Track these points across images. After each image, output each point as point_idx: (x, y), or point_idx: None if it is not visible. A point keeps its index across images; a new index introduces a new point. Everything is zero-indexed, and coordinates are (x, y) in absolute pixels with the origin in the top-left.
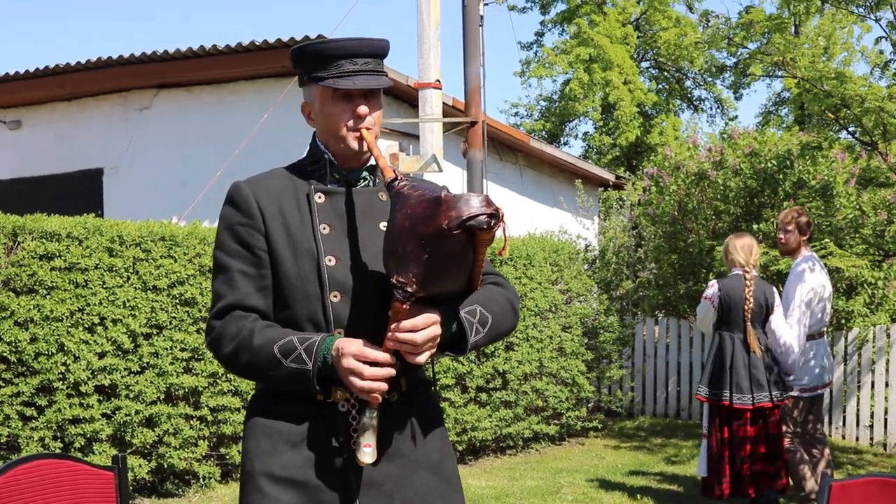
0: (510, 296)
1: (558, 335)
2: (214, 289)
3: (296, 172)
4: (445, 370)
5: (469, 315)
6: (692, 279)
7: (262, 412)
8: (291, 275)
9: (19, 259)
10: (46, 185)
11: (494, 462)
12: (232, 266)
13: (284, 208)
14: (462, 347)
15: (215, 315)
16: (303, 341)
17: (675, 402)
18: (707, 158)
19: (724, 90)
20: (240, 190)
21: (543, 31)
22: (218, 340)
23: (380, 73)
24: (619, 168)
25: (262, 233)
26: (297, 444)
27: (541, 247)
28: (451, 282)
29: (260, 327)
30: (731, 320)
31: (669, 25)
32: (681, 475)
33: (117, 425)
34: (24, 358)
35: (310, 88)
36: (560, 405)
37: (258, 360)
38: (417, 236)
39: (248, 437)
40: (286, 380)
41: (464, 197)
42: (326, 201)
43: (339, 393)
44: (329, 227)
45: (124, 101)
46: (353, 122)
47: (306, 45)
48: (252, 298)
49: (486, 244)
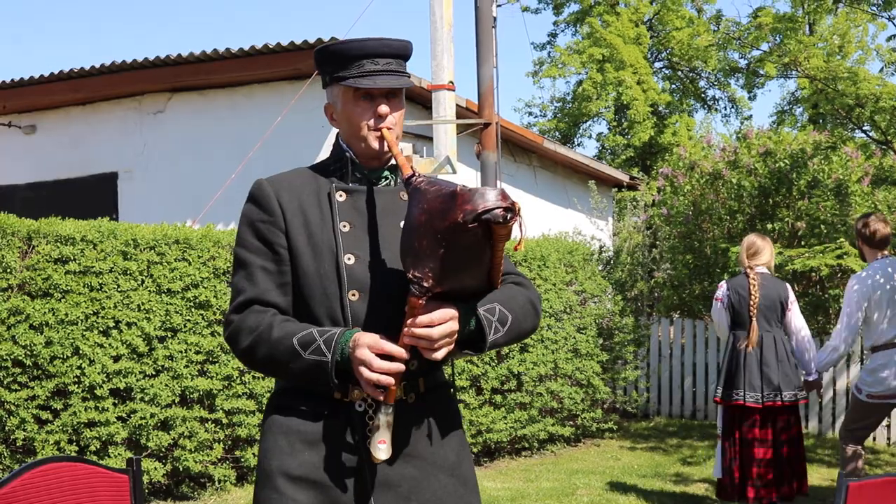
0: (531, 296)
1: (573, 336)
2: (234, 284)
3: (319, 171)
4: (460, 371)
5: (488, 313)
6: (707, 279)
7: (280, 410)
8: (310, 272)
9: (34, 263)
10: (61, 190)
11: (510, 464)
12: (252, 262)
13: (305, 206)
14: (481, 346)
15: (234, 309)
16: (322, 334)
17: (691, 403)
18: (721, 158)
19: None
20: (261, 187)
21: (556, 32)
22: (237, 334)
23: (402, 74)
24: (633, 168)
25: (282, 230)
26: (313, 443)
27: (555, 248)
28: (468, 277)
29: (279, 321)
30: (741, 319)
31: (683, 25)
32: (697, 476)
33: (132, 428)
34: (40, 361)
35: (332, 89)
36: (575, 406)
37: (277, 353)
38: (433, 231)
39: (266, 436)
40: (304, 372)
41: (479, 191)
42: (348, 199)
43: (357, 392)
44: (349, 225)
45: (139, 104)
46: (374, 121)
47: (329, 45)
48: (272, 294)
49: (504, 239)
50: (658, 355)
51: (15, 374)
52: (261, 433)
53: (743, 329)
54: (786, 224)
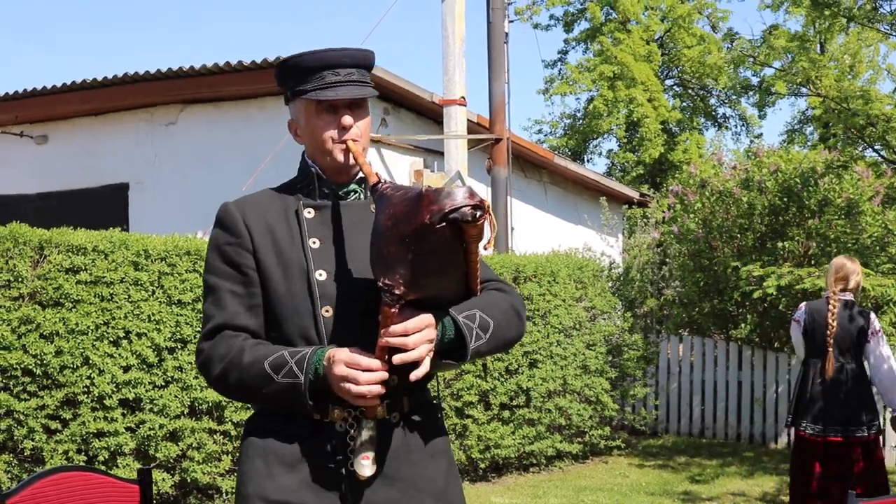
0: (514, 301)
1: (582, 352)
2: (204, 311)
3: (286, 190)
4: (469, 387)
5: (468, 319)
6: (717, 297)
7: (258, 432)
8: (281, 292)
9: (45, 272)
10: (72, 200)
11: (518, 479)
12: (221, 286)
13: (273, 225)
14: (463, 354)
15: (205, 336)
16: (293, 354)
17: (700, 421)
18: (732, 176)
19: (749, 108)
20: (227, 210)
21: (567, 49)
22: (208, 362)
23: (364, 84)
24: (643, 185)
25: (249, 251)
26: (292, 465)
27: (565, 264)
28: (442, 282)
29: (250, 345)
30: (816, 347)
31: (693, 43)
32: (705, 495)
33: (141, 439)
34: (50, 371)
35: (294, 104)
36: (583, 423)
37: (249, 378)
38: (400, 235)
39: (243, 459)
40: (278, 396)
41: (445, 190)
42: (316, 215)
43: (337, 412)
44: (319, 241)
45: (150, 116)
46: (338, 133)
47: (287, 59)
48: (241, 318)
49: (476, 240)
50: (667, 373)
51: (25, 384)
52: (240, 456)
53: (817, 357)
54: (796, 243)
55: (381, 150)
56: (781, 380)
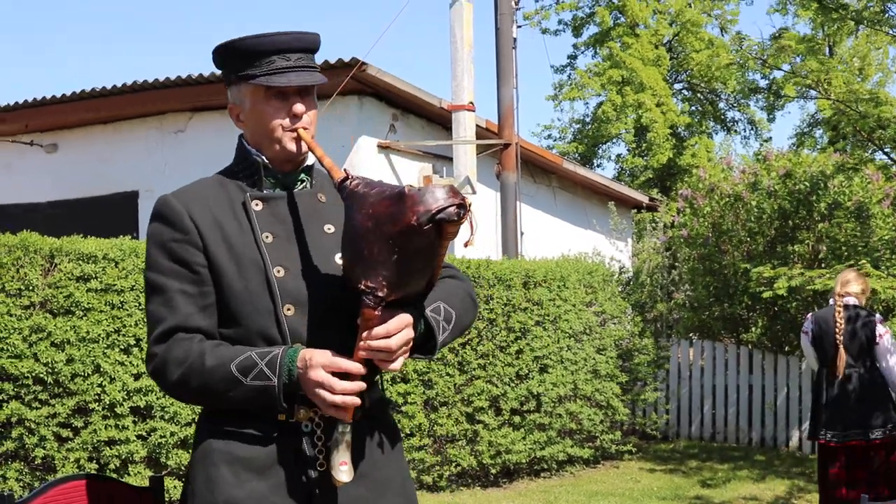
0: (468, 288)
1: (593, 357)
2: (151, 312)
3: (227, 180)
4: (479, 392)
5: (434, 313)
6: (727, 301)
7: (217, 434)
8: (237, 289)
9: (56, 281)
10: (83, 208)
11: (529, 485)
12: (169, 286)
13: (220, 218)
14: (430, 347)
15: (156, 340)
16: (263, 356)
17: (711, 425)
18: (741, 180)
19: (758, 111)
20: (168, 203)
21: (576, 54)
22: (163, 367)
23: (314, 69)
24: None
25: (199, 247)
26: (260, 470)
27: (575, 268)
28: (419, 281)
29: (210, 347)
30: (824, 353)
31: (702, 47)
32: (717, 499)
33: (152, 447)
34: (61, 379)
35: (239, 88)
36: (594, 428)
37: (213, 383)
38: (384, 236)
39: (204, 464)
40: (248, 400)
41: (429, 189)
42: (265, 208)
43: (303, 412)
44: (272, 236)
45: (160, 124)
46: (290, 121)
47: (235, 40)
48: (195, 319)
49: (452, 237)
50: (678, 377)
51: (36, 392)
52: (194, 460)
53: (825, 363)
54: (806, 246)
55: (390, 157)
56: (792, 384)
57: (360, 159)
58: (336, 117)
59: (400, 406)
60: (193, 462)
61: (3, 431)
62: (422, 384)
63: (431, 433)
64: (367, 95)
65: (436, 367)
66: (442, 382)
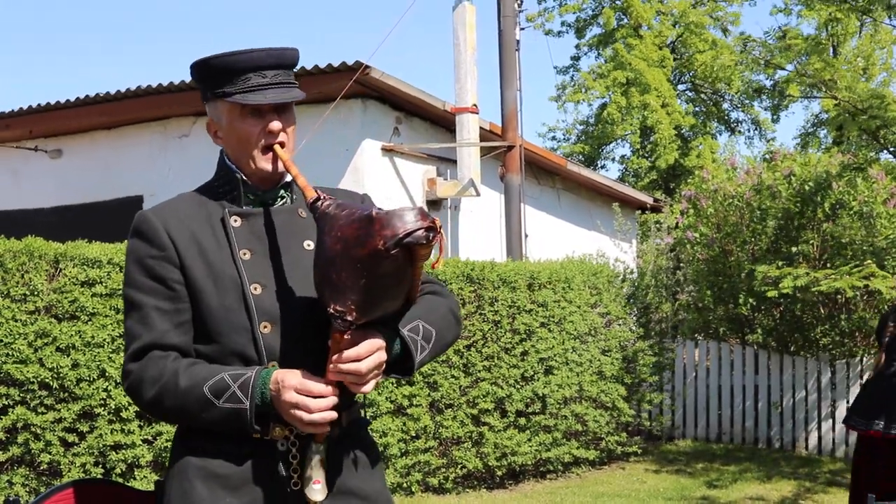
0: (451, 304)
1: (598, 359)
2: (128, 329)
3: (206, 196)
4: (485, 394)
5: (412, 332)
6: (732, 302)
7: (194, 452)
8: (214, 306)
9: (61, 286)
10: (87, 213)
11: (535, 486)
12: (145, 303)
13: (198, 235)
14: (408, 367)
15: (131, 357)
16: (236, 378)
17: (717, 426)
18: (745, 181)
19: (762, 112)
20: (146, 220)
21: (579, 56)
22: (138, 386)
23: (291, 86)
24: (657, 191)
25: (175, 264)
26: (236, 488)
27: (579, 270)
28: (391, 303)
29: (184, 367)
30: None
31: (706, 48)
32: (723, 500)
33: (158, 451)
34: (66, 384)
35: (216, 105)
36: (600, 429)
37: (186, 404)
38: (352, 260)
39: (180, 479)
40: (220, 422)
41: (397, 213)
42: (244, 224)
43: (278, 430)
44: (250, 253)
45: (164, 129)
46: (266, 139)
47: (210, 58)
48: (170, 336)
49: (425, 259)
50: (683, 378)
51: (42, 397)
52: (169, 474)
53: None
54: (811, 246)
55: (394, 159)
56: (798, 384)
57: (364, 162)
58: (340, 121)
59: (405, 408)
60: (169, 477)
61: (9, 437)
62: (427, 386)
63: (437, 435)
64: (370, 98)
65: (441, 370)
66: (447, 384)
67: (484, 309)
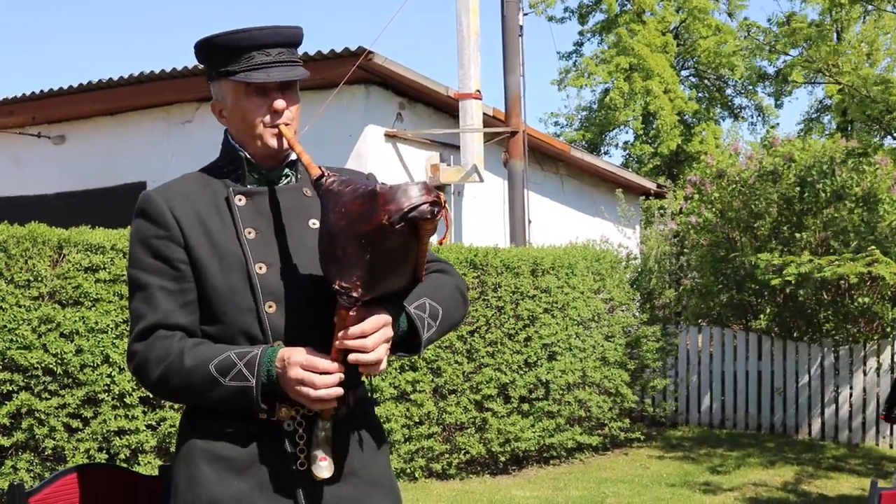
0: (458, 283)
1: (601, 344)
2: (133, 310)
3: (211, 175)
4: (488, 380)
5: (418, 310)
6: (735, 288)
7: (200, 433)
8: (219, 286)
9: (64, 272)
10: (90, 199)
11: (538, 472)
12: (150, 283)
13: (203, 215)
14: (415, 345)
15: (137, 337)
16: (242, 356)
17: (720, 412)
18: (747, 166)
19: (766, 98)
20: (150, 200)
21: (582, 41)
22: (143, 365)
23: (295, 64)
24: (660, 177)
25: (180, 244)
26: (243, 470)
27: (583, 256)
28: (397, 279)
29: (189, 346)
30: None
31: (709, 34)
32: (726, 485)
33: (162, 436)
34: (70, 370)
35: (219, 84)
36: (603, 415)
37: (192, 382)
38: (356, 236)
39: (187, 462)
40: (226, 400)
41: (401, 187)
42: (248, 203)
43: (284, 410)
44: (255, 231)
45: (167, 115)
46: (270, 117)
47: (213, 36)
48: (176, 316)
49: (430, 234)
50: (686, 364)
51: (45, 383)
52: (176, 457)
53: None
54: (813, 232)
55: (396, 145)
56: (801, 369)
57: (368, 148)
58: (343, 106)
59: (408, 394)
60: (177, 460)
61: (13, 422)
62: (430, 372)
63: (440, 421)
64: (373, 84)
65: (444, 356)
66: (451, 370)
67: (487, 295)
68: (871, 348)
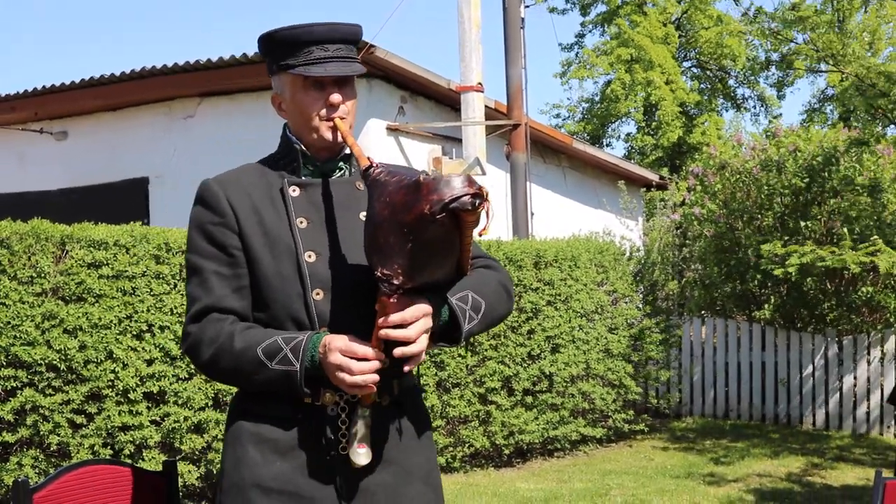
0: (503, 279)
1: (604, 336)
2: (189, 293)
3: (268, 167)
4: (492, 373)
5: (461, 302)
6: (739, 279)
7: (247, 416)
8: (270, 273)
9: (68, 268)
10: (93, 195)
11: (542, 464)
12: (206, 267)
13: (258, 204)
14: (456, 336)
15: (191, 319)
16: (288, 341)
17: (724, 403)
18: (751, 157)
19: (768, 88)
20: (209, 188)
21: (584, 33)
22: (196, 346)
23: (352, 60)
24: (662, 168)
25: (235, 231)
26: (286, 452)
27: (585, 248)
28: (438, 269)
29: (240, 329)
30: None
31: (711, 24)
32: (731, 476)
33: (166, 432)
34: (74, 366)
35: (280, 78)
36: (607, 407)
37: (241, 364)
38: (399, 225)
39: (234, 444)
40: (272, 383)
41: (444, 178)
42: (302, 194)
43: (328, 396)
44: (306, 221)
45: (169, 110)
46: (326, 111)
47: (275, 31)
48: (229, 300)
49: (472, 226)
50: (690, 355)
51: (49, 379)
52: (226, 440)
53: None
54: (818, 222)
55: (399, 139)
56: (805, 359)
57: (370, 142)
58: None
59: None
60: (225, 443)
61: (17, 419)
62: (434, 365)
63: (444, 414)
64: (375, 78)
65: (447, 349)
66: (454, 364)
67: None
68: (874, 338)
